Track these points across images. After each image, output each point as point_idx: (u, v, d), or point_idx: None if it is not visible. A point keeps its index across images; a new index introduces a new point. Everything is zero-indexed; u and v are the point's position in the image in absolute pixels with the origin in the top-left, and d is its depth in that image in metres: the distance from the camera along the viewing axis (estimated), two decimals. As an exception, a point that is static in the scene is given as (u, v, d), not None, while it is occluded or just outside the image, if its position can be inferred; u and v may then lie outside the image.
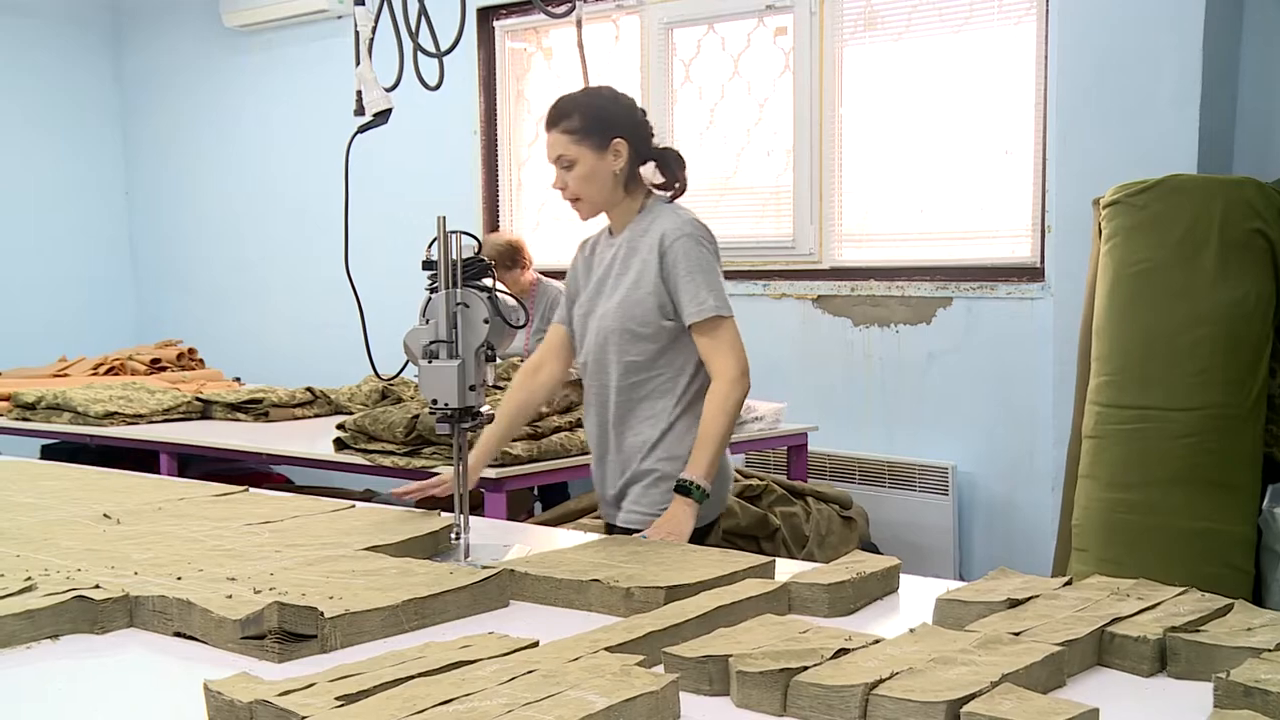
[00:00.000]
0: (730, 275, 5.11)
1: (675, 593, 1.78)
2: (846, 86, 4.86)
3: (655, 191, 2.60)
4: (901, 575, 1.95)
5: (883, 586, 1.89)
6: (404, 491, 2.46)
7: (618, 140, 2.50)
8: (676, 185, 2.61)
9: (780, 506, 4.15)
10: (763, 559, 2.01)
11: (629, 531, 2.43)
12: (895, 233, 4.81)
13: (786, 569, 2.00)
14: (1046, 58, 4.31)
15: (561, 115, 2.49)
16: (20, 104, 6.93)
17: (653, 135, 2.57)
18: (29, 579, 1.84)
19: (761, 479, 4.21)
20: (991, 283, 4.50)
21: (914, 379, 4.68)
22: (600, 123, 2.48)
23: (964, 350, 4.57)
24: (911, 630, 1.54)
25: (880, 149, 4.81)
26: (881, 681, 1.32)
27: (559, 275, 5.69)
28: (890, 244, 4.82)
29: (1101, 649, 1.52)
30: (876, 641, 1.49)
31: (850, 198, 4.90)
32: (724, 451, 2.47)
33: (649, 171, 2.58)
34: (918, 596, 1.89)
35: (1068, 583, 1.77)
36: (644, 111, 2.59)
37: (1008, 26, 4.48)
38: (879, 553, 2.48)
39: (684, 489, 2.37)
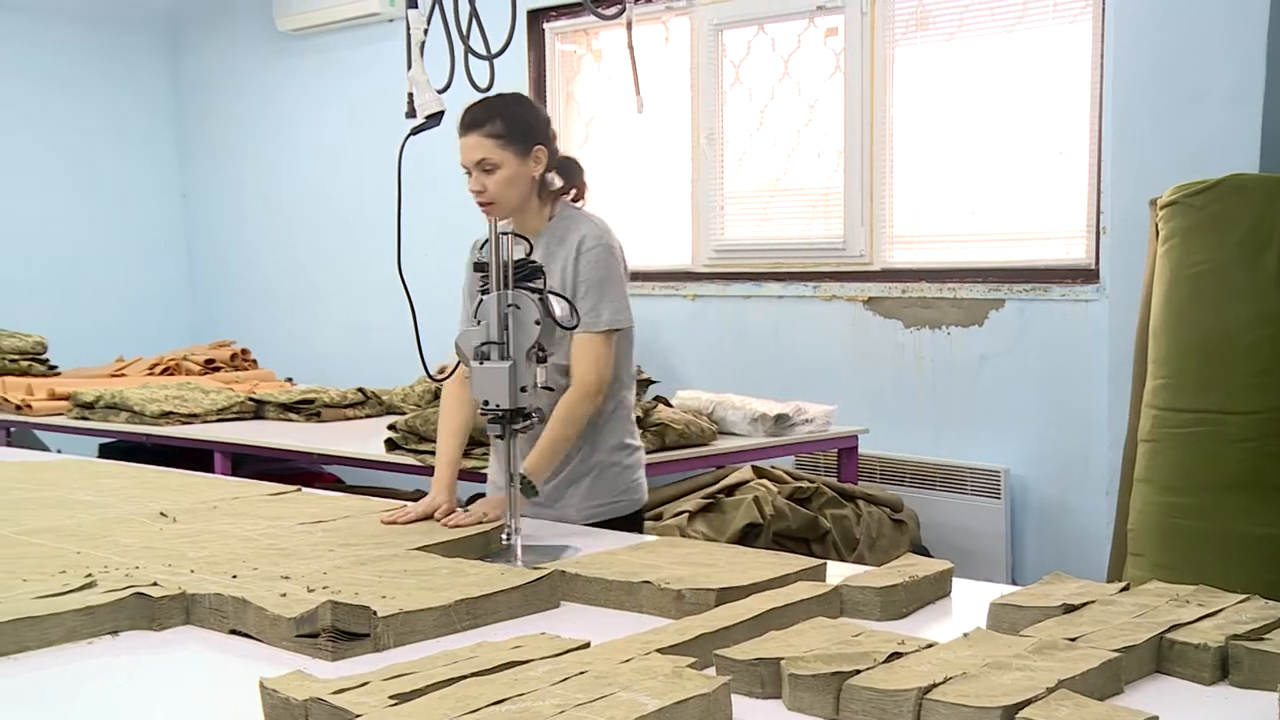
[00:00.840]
0: (780, 277, 5.15)
1: (726, 595, 1.77)
2: (897, 87, 4.83)
3: (562, 197, 2.67)
4: (953, 579, 1.94)
5: (935, 590, 1.88)
6: (392, 519, 2.40)
7: (538, 147, 2.57)
8: (576, 190, 2.69)
9: (831, 509, 4.13)
10: (814, 561, 2.01)
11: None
12: (947, 234, 4.77)
13: (838, 572, 1.99)
14: (1102, 56, 4.26)
15: (485, 119, 2.52)
16: (79, 109, 7.05)
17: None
18: (89, 576, 1.87)
19: (812, 481, 4.20)
20: (1045, 284, 4.46)
21: (965, 381, 4.65)
22: (524, 129, 2.55)
23: (1016, 352, 4.53)
24: (965, 635, 1.53)
25: (932, 149, 4.78)
26: (935, 686, 1.31)
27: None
28: (942, 245, 4.78)
29: (1161, 656, 1.50)
30: (930, 645, 1.48)
31: (901, 199, 4.87)
32: (561, 456, 2.52)
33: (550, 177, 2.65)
34: (970, 601, 1.87)
35: (1124, 588, 1.75)
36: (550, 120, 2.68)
37: (1062, 25, 4.44)
38: (930, 556, 2.46)
39: (522, 482, 2.37)
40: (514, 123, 2.53)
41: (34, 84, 6.87)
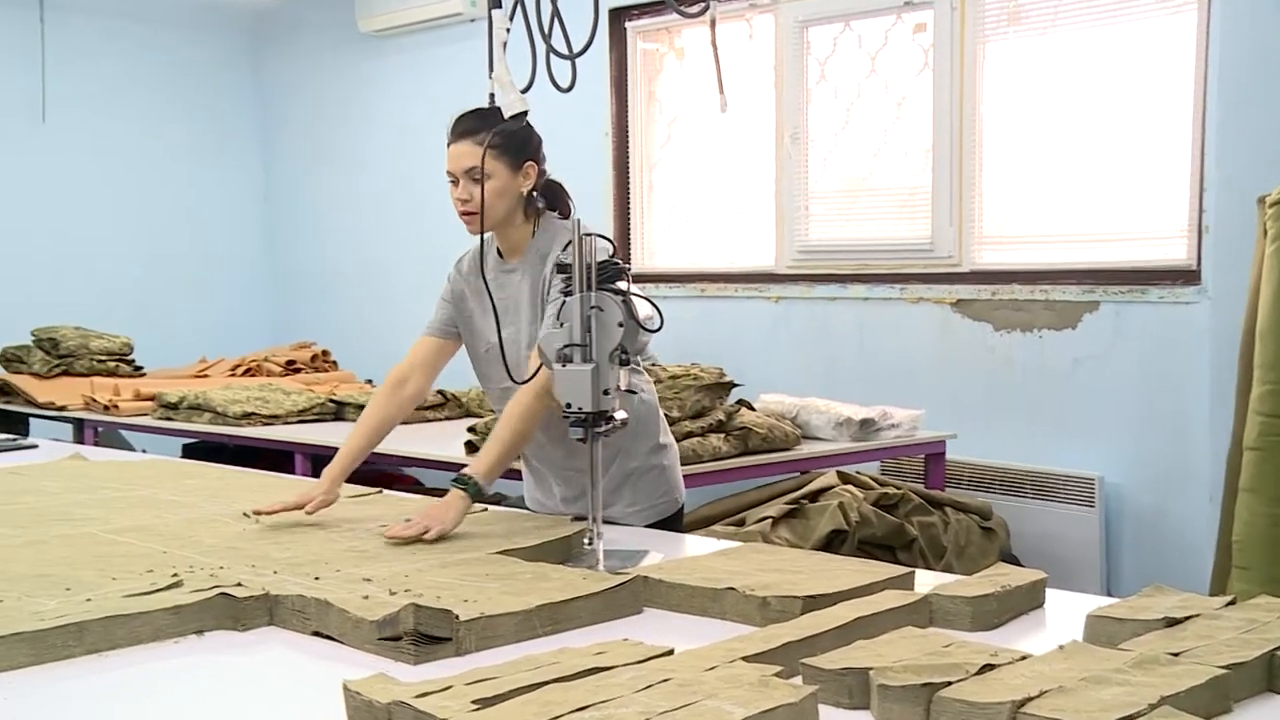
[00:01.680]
0: (866, 279, 5.11)
1: (813, 603, 1.76)
2: (988, 83, 4.77)
3: (547, 211, 2.64)
4: (1047, 590, 1.91)
5: (1028, 601, 1.85)
6: (260, 510, 2.41)
7: (529, 163, 2.56)
8: (560, 211, 2.66)
9: (917, 516, 4.09)
10: (902, 570, 1.99)
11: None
12: (1039, 234, 4.70)
13: (926, 580, 1.97)
14: (1207, 47, 4.17)
15: (480, 127, 2.50)
16: (162, 112, 7.21)
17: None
18: (175, 575, 1.91)
19: (898, 488, 4.16)
20: (1142, 286, 4.37)
21: (1058, 386, 4.58)
22: (519, 143, 2.54)
23: (1112, 356, 4.45)
24: (1061, 647, 1.50)
25: (1023, 147, 4.72)
26: (1030, 700, 1.29)
27: (677, 278, 5.74)
28: (1034, 246, 4.71)
29: (1272, 674, 1.46)
30: (1023, 658, 1.46)
31: (991, 198, 4.81)
32: (515, 455, 2.48)
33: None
34: (1065, 612, 1.84)
35: (1230, 602, 1.71)
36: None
37: (1164, 16, 4.35)
38: (1020, 565, 2.43)
39: (461, 481, 2.36)
40: (508, 135, 2.51)
41: (119, 88, 7.05)
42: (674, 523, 2.72)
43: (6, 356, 5.89)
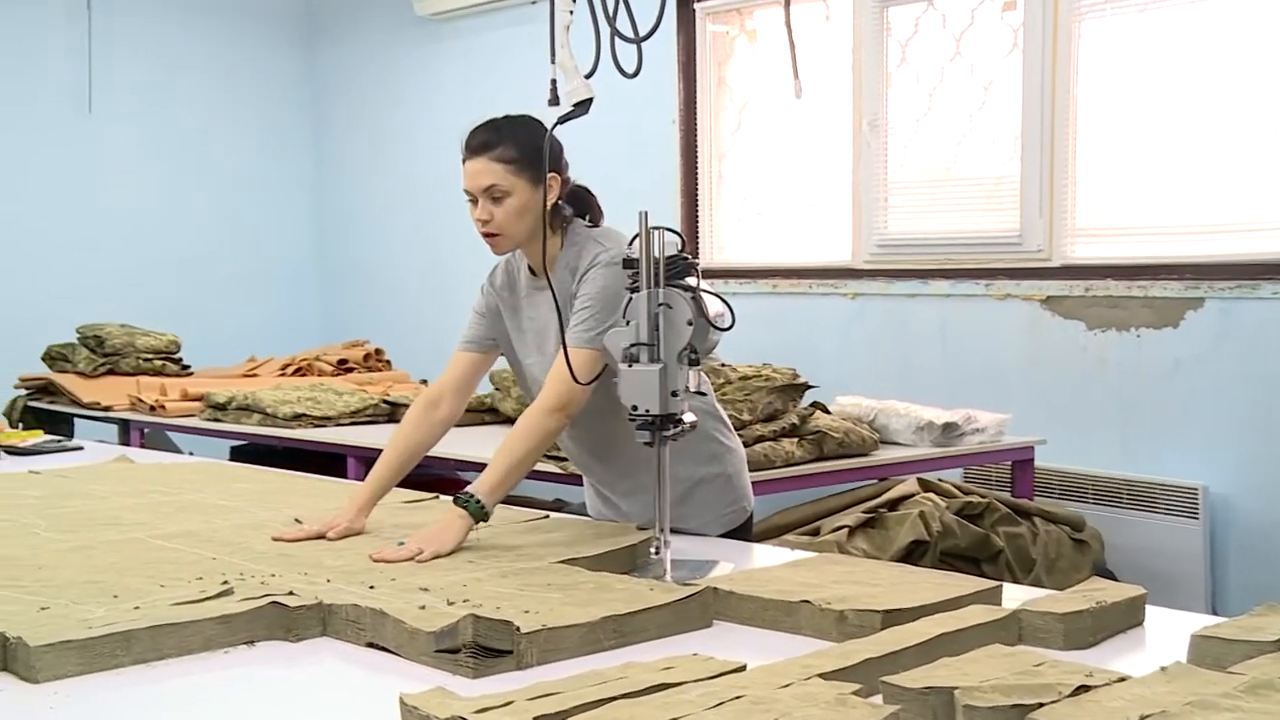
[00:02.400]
0: (949, 274, 5.07)
1: (893, 617, 1.75)
2: (1083, 65, 4.71)
3: (576, 220, 2.57)
4: (1146, 606, 1.88)
5: (1126, 618, 1.83)
6: (280, 537, 2.37)
7: (552, 175, 2.47)
8: (590, 217, 2.60)
9: (1004, 526, 4.06)
10: (988, 583, 1.97)
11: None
12: (1137, 226, 4.64)
13: (1014, 595, 1.95)
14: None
15: (496, 142, 2.45)
16: (211, 101, 7.33)
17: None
18: (225, 583, 1.94)
19: (983, 496, 4.13)
20: (1252, 281, 4.30)
21: (1157, 389, 4.52)
22: (537, 155, 2.41)
23: (1217, 357, 4.38)
24: (1163, 669, 1.48)
25: (1120, 133, 4.66)
26: (1129, 724, 1.28)
27: (747, 274, 5.73)
28: (1131, 239, 4.65)
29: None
30: (1121, 679, 1.44)
31: (1085, 188, 4.76)
32: (522, 474, 2.43)
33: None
34: (1167, 631, 1.81)
35: (1347, 621, 1.67)
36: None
37: (1271, -7, 4.28)
38: (1116, 580, 2.40)
39: (462, 501, 2.32)
40: (526, 148, 2.44)
41: (167, 77, 7.17)
42: (743, 533, 2.71)
43: (51, 355, 6.01)
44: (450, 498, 2.63)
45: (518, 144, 2.46)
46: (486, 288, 2.71)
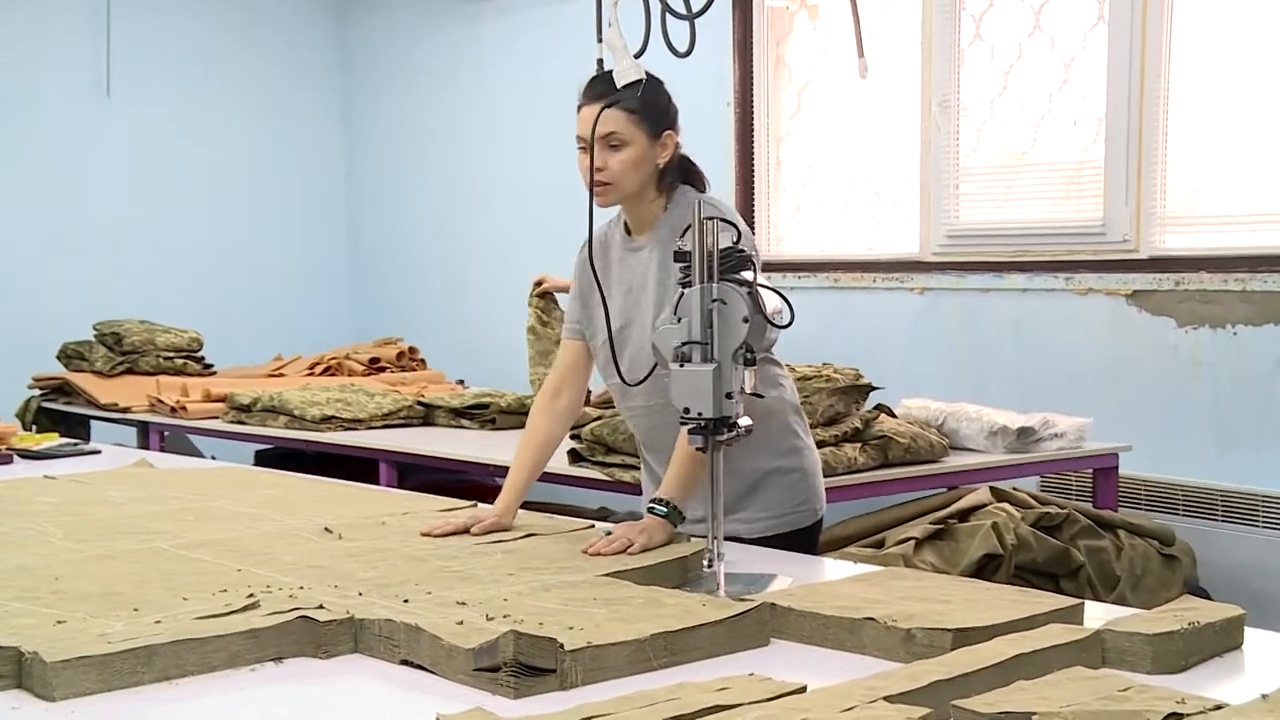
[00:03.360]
0: (1025, 267, 5.04)
1: (964, 636, 1.75)
2: (1176, 40, 4.67)
3: (680, 185, 2.69)
4: (1245, 628, 1.87)
5: (1222, 641, 1.81)
6: (429, 530, 2.51)
7: (669, 133, 2.62)
8: (694, 186, 2.71)
9: (1085, 540, 4.04)
10: (1069, 601, 1.97)
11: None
12: (1235, 215, 4.60)
13: (1097, 614, 1.95)
14: None
15: (616, 90, 2.52)
16: (237, 84, 7.39)
17: None
18: (252, 595, 1.96)
19: (1062, 507, 4.10)
20: (1356, 275, 4.26)
21: (1257, 391, 4.47)
22: (659, 110, 2.60)
23: (1320, 357, 4.34)
24: (1264, 696, 1.47)
25: (1216, 114, 4.61)
26: (1223, 754, 1.27)
27: (807, 267, 5.72)
28: (1227, 228, 4.61)
29: None
30: (1218, 707, 1.43)
31: (1177, 173, 4.71)
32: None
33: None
34: (1267, 655, 1.80)
35: None
36: None
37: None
38: (1210, 599, 2.38)
39: (661, 504, 2.42)
40: (651, 100, 2.57)
41: (189, 58, 7.24)
42: (808, 537, 2.73)
43: (67, 353, 6.09)
44: (489, 506, 2.66)
45: (640, 95, 2.55)
46: (575, 264, 2.78)
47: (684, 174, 2.72)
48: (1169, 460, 4.64)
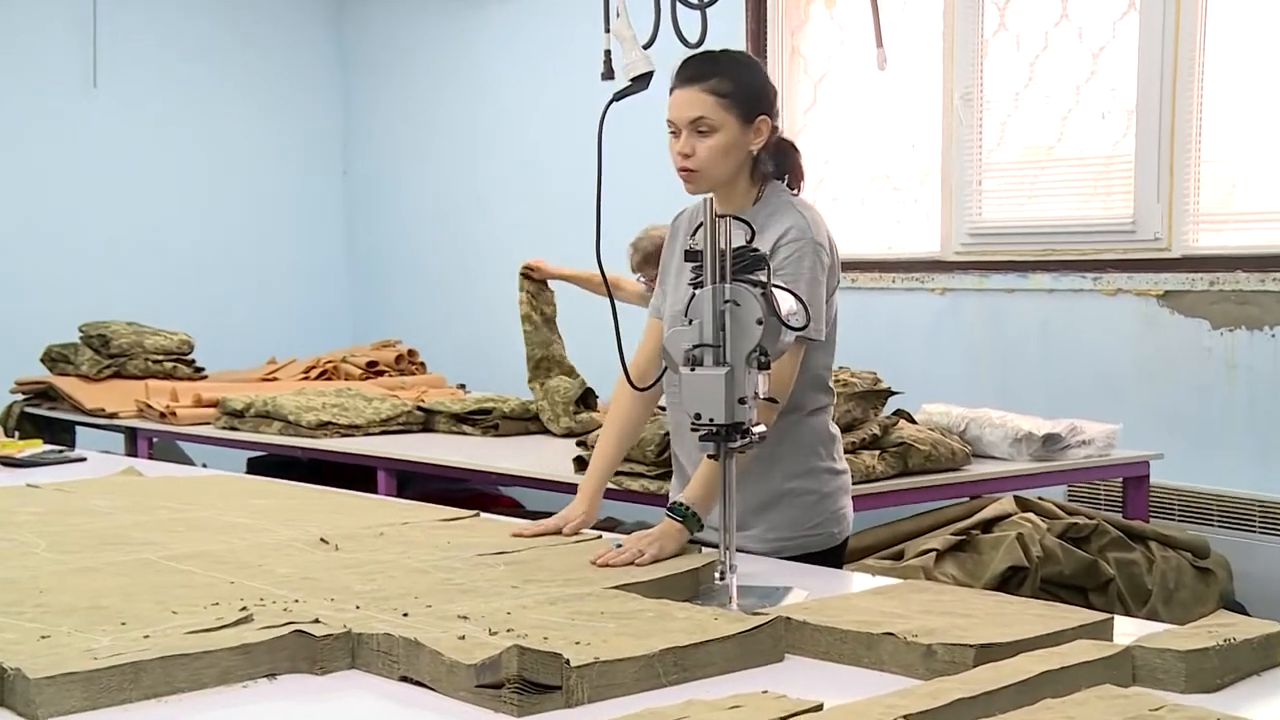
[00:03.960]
0: (1051, 266, 5.04)
1: (987, 652, 1.75)
2: (1210, 28, 4.66)
3: (773, 181, 2.70)
4: (1282, 644, 1.87)
5: (1260, 659, 1.81)
6: (519, 532, 2.56)
7: (763, 118, 2.61)
8: (790, 177, 2.73)
9: (1114, 552, 4.04)
10: (1097, 615, 1.96)
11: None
12: (1271, 211, 4.61)
13: (1127, 629, 1.95)
14: None
15: (711, 73, 2.55)
16: (228, 76, 7.41)
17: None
18: (244, 609, 1.96)
19: (1090, 517, 4.11)
20: (1399, 274, 4.25)
21: (1292, 396, 4.47)
22: (752, 94, 2.59)
23: (1360, 360, 4.33)
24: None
25: (1254, 105, 4.61)
26: (1259, 776, 1.27)
27: (847, 266, 5.69)
28: (1264, 225, 4.63)
29: None
30: (1251, 727, 1.43)
31: (1211, 168, 4.72)
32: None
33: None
34: (1305, 673, 1.80)
35: None
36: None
37: None
38: (1247, 614, 2.37)
39: (678, 511, 2.42)
40: (744, 83, 2.58)
41: (180, 50, 7.26)
42: (827, 562, 2.71)
43: (51, 356, 6.10)
44: (491, 516, 2.66)
45: (733, 78, 2.57)
46: (669, 232, 2.81)
47: (781, 162, 2.71)
48: (1203, 469, 4.63)
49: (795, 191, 2.75)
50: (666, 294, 2.76)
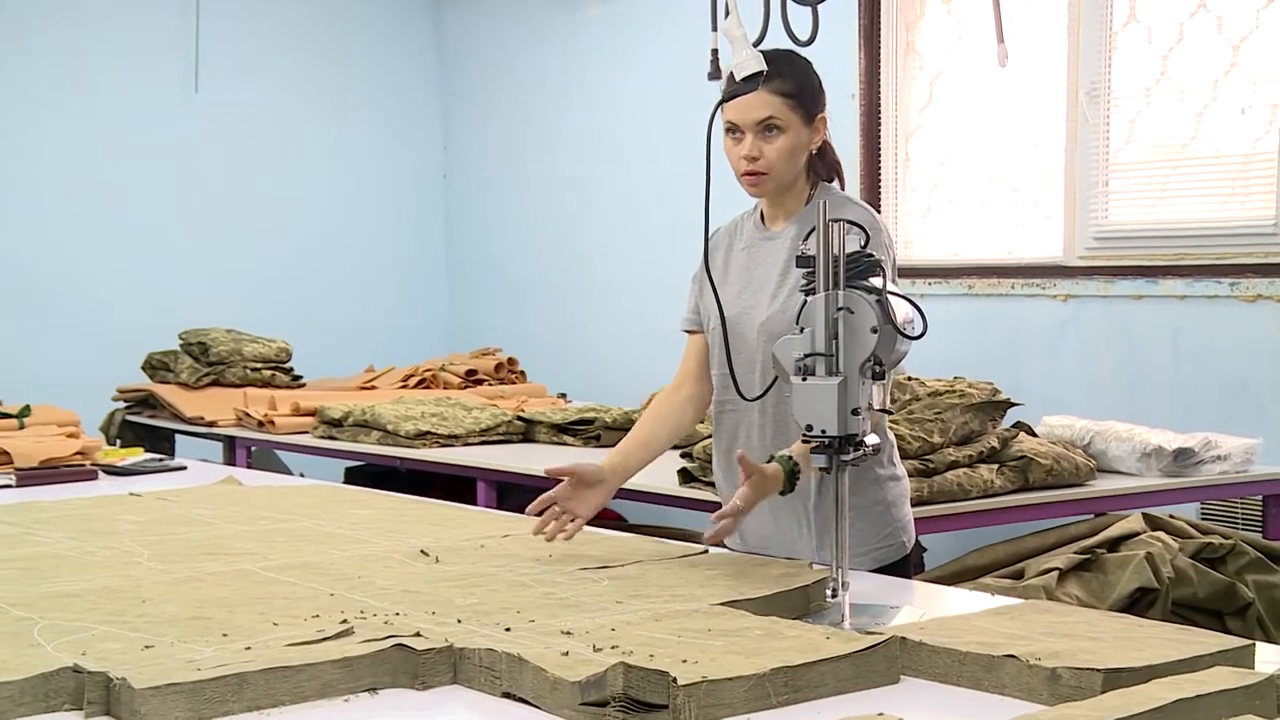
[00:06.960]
0: (1184, 272, 4.96)
1: (1116, 677, 1.73)
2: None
3: (822, 181, 2.74)
4: None
5: None
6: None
7: (821, 117, 2.66)
8: (837, 178, 2.78)
9: (1253, 574, 3.96)
10: (1237, 641, 1.92)
11: None
12: None
13: (1269, 657, 1.91)
14: None
15: (775, 73, 2.54)
16: (329, 80, 7.52)
17: None
18: (345, 622, 1.99)
19: (1227, 537, 4.03)
20: None
21: None
22: (812, 93, 2.64)
23: None
24: None
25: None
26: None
27: (939, 273, 5.67)
28: None
29: None
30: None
31: (1354, 167, 4.62)
32: None
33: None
34: None
35: None
36: None
37: None
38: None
39: (784, 463, 2.44)
40: (806, 82, 2.62)
41: (280, 54, 7.39)
42: (898, 572, 2.72)
43: (152, 364, 6.24)
44: (592, 529, 2.67)
45: (795, 78, 2.61)
46: (713, 240, 2.81)
47: (827, 161, 2.76)
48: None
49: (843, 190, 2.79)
50: (707, 307, 2.74)
